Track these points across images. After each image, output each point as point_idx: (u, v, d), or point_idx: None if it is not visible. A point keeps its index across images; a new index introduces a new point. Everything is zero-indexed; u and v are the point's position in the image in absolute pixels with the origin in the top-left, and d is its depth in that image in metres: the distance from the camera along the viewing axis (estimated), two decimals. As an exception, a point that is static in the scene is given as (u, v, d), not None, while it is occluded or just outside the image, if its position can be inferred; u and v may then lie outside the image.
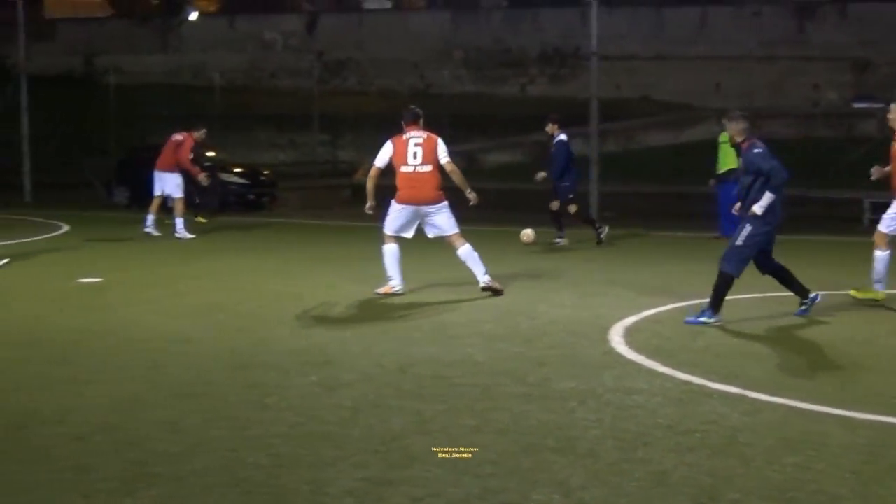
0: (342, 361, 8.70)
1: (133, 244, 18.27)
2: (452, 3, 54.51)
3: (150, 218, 19.33)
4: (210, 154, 29.24)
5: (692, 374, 8.24)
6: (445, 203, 12.45)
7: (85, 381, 8.01)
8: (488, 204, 14.21)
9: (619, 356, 9.01)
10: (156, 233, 19.14)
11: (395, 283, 12.49)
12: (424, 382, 7.98)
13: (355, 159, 32.17)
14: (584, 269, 14.38)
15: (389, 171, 12.35)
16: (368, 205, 12.53)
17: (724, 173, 18.29)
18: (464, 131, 36.43)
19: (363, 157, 29.73)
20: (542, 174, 17.94)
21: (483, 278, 12.39)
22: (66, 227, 21.54)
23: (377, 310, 11.44)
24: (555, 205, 17.75)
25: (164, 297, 12.35)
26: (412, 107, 12.89)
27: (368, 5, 56.54)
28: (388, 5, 57.15)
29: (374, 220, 12.67)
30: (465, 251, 12.42)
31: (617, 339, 9.70)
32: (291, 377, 8.12)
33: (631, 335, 9.87)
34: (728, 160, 17.88)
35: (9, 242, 17.76)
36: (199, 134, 19.79)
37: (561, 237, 17.80)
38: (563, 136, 17.52)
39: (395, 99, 42.18)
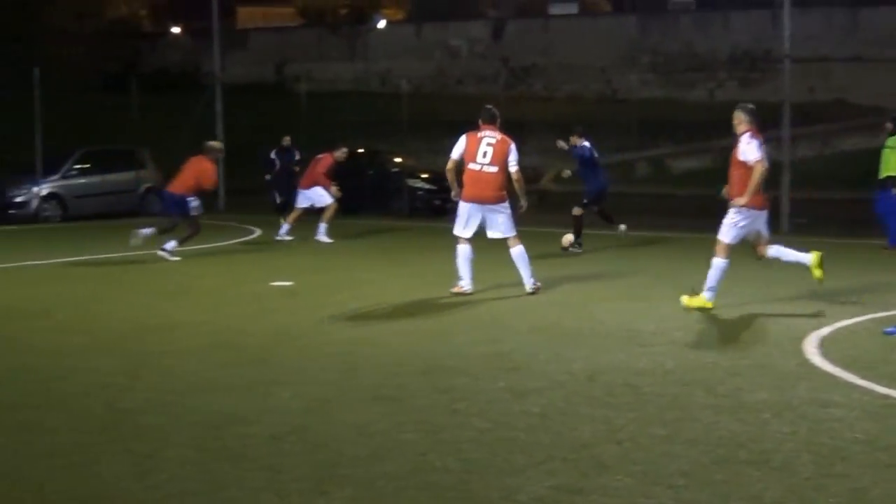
0: (531, 367, 8.68)
1: (321, 249, 18.62)
2: (639, 7, 53.96)
3: (286, 227, 20.03)
4: (397, 160, 29.70)
5: (892, 387, 7.94)
6: (507, 204, 12.72)
7: (279, 382, 8.19)
8: (676, 211, 13.97)
9: (814, 368, 8.74)
10: (288, 237, 19.84)
11: (464, 283, 12.80)
12: (614, 390, 7.89)
13: (540, 165, 32.09)
14: (774, 277, 14.02)
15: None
16: (454, 193, 12.90)
17: (884, 179, 17.58)
18: (651, 136, 36.04)
19: (549, 162, 29.69)
20: (567, 172, 19.39)
21: (528, 282, 12.78)
22: (258, 232, 22.15)
23: (566, 316, 11.37)
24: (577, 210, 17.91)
25: (353, 300, 12.55)
26: (489, 106, 13.11)
27: (554, 10, 56.37)
28: (575, 10, 56.88)
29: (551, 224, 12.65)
30: (518, 252, 12.80)
31: (811, 349, 9.41)
32: (480, 382, 8.14)
33: (826, 346, 9.56)
34: (890, 166, 17.24)
35: (206, 246, 18.32)
36: (340, 154, 20.43)
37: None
38: (584, 143, 17.90)
39: (582, 104, 42.01)
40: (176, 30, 55.90)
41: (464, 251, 12.76)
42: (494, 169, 12.50)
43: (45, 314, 11.78)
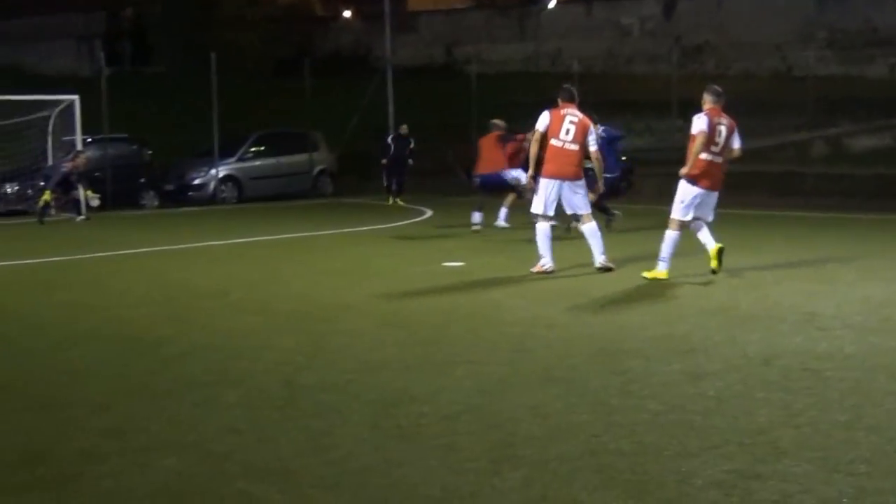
0: (706, 350, 8.54)
1: (496, 232, 18.63)
2: (816, -18, 52.44)
3: (504, 211, 19.49)
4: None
5: None
6: (584, 182, 13.14)
7: (452, 362, 8.24)
8: (854, 191, 13.56)
9: None
10: (505, 224, 19.20)
11: (545, 261, 13.02)
12: (791, 374, 7.70)
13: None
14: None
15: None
16: (531, 170, 13.21)
17: None
18: (827, 114, 34.98)
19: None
20: None
21: (599, 258, 13.08)
22: (429, 213, 22.34)
23: (741, 298, 11.15)
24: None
25: (526, 281, 12.55)
26: (567, 85, 13.58)
27: (727, -13, 55.19)
28: (748, -14, 55.60)
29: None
30: (591, 228, 13.10)
31: None
32: (654, 364, 8.04)
33: None
34: None
35: (379, 227, 18.56)
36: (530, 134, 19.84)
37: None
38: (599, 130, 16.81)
39: (755, 82, 41.05)
40: (347, 14, 56.66)
41: (544, 230, 13.03)
42: (576, 147, 12.90)
43: (222, 294, 12.11)
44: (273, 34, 52.75)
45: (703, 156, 12.28)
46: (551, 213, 13.08)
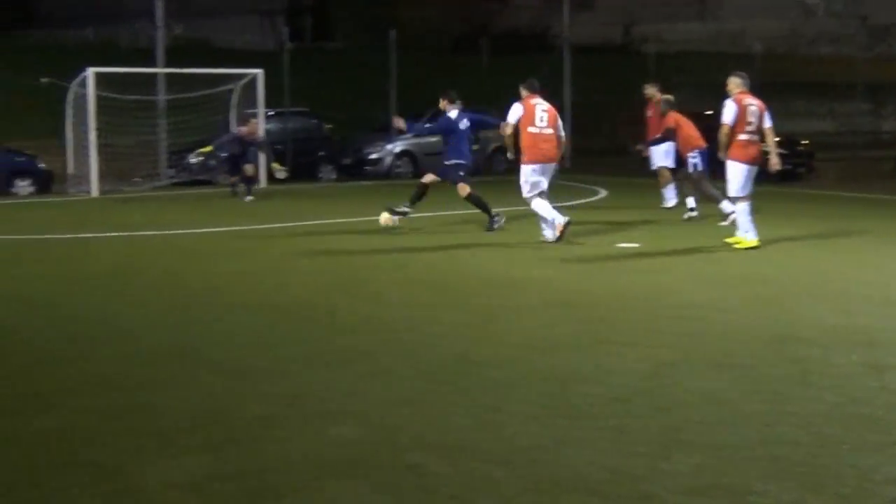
0: (888, 343, 8.25)
1: (673, 213, 18.32)
2: None
3: (668, 192, 19.04)
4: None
5: None
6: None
7: (623, 343, 8.16)
8: None
9: None
10: (669, 204, 18.72)
11: (558, 219, 14.08)
12: (980, 371, 7.39)
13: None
14: None
15: None
16: (510, 154, 15.05)
17: None
18: None
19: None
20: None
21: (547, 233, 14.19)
22: (603, 193, 22.16)
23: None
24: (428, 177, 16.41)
25: (700, 264, 12.36)
26: (532, 79, 14.92)
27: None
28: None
29: None
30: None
31: None
32: (832, 355, 7.81)
33: None
34: None
35: (553, 206, 18.48)
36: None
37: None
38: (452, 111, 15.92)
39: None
40: (526, -9, 56.51)
41: (543, 203, 14.28)
42: (551, 131, 14.36)
43: (398, 267, 12.25)
44: (452, 11, 52.98)
45: (742, 137, 13.32)
46: (544, 187, 14.35)
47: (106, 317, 9.49)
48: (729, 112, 13.33)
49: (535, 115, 14.32)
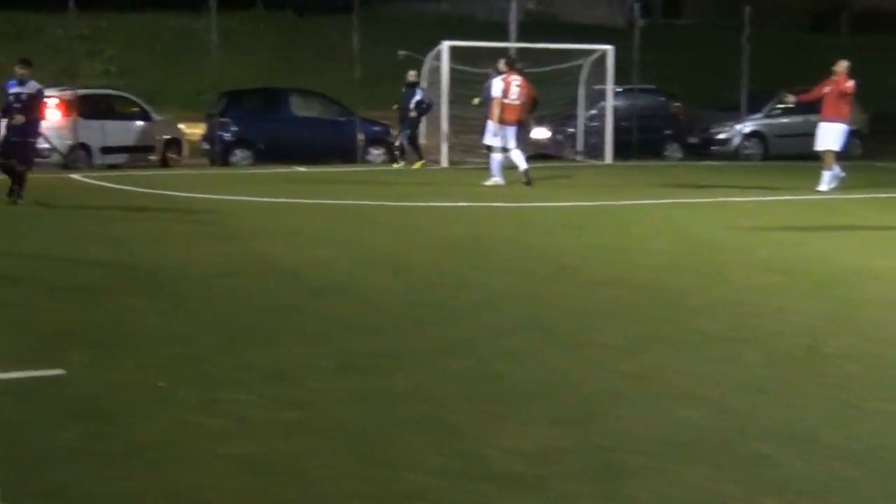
0: None
1: None
2: None
3: (827, 175, 18.07)
4: None
5: None
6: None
7: None
8: None
9: None
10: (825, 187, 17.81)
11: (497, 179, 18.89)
12: None
13: None
14: None
15: None
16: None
17: None
18: None
19: None
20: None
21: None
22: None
23: None
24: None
25: None
26: (512, 58, 20.76)
27: None
28: None
29: None
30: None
31: None
32: None
33: None
34: None
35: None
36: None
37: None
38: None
39: None
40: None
41: (500, 158, 18.98)
42: (519, 102, 19.09)
43: (747, 251, 11.96)
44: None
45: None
46: (511, 146, 18.93)
47: (461, 285, 9.78)
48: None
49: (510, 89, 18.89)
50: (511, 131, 19.10)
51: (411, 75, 24.23)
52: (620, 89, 27.21)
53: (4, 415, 5.76)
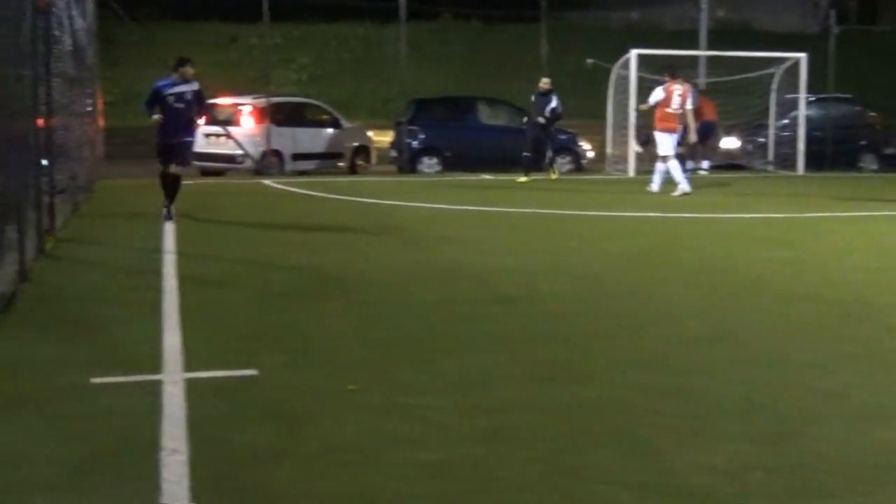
0: None
1: None
2: None
3: None
4: None
5: None
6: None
7: None
8: None
9: None
10: None
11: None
12: None
13: None
14: None
15: None
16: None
17: None
18: None
19: None
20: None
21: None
22: None
23: None
24: None
25: None
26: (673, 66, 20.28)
27: None
28: None
29: None
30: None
31: None
32: None
33: None
34: None
35: None
36: None
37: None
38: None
39: None
40: None
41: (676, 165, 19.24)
42: (681, 111, 19.50)
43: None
44: None
45: None
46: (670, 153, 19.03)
47: (648, 296, 9.68)
48: None
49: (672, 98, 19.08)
50: (672, 139, 19.25)
51: (544, 83, 23.03)
52: (813, 98, 26.55)
53: (202, 413, 5.94)
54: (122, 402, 6.18)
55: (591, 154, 26.37)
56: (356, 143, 25.99)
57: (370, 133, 27.72)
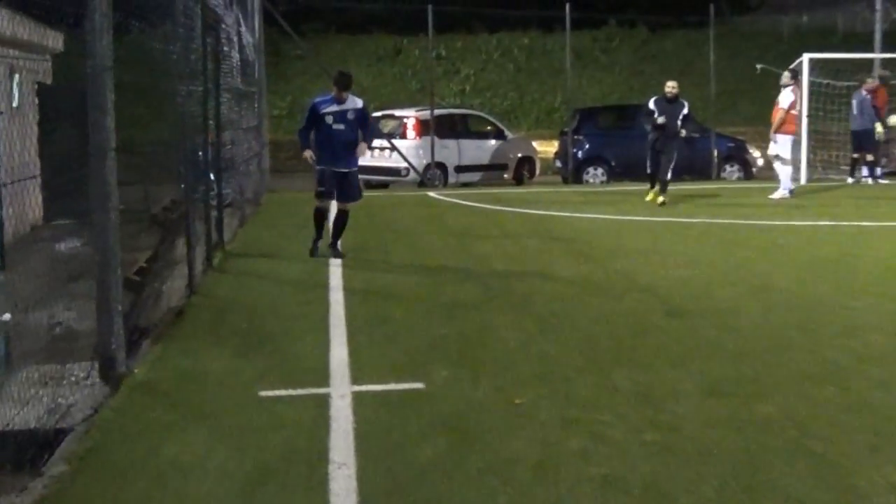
0: None
1: None
2: None
3: None
4: None
5: None
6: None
7: None
8: None
9: None
10: None
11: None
12: None
13: None
14: None
15: None
16: None
17: None
18: None
19: None
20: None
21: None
22: None
23: None
24: None
25: None
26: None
27: None
28: None
29: None
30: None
31: None
32: None
33: None
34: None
35: None
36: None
37: None
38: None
39: None
40: None
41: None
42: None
43: None
44: None
45: None
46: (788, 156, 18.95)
47: (826, 308, 9.32)
48: None
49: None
50: (792, 142, 19.54)
51: (671, 87, 20.07)
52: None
53: (369, 426, 5.94)
54: (290, 415, 6.23)
55: (760, 162, 25.72)
56: (521, 154, 25.88)
57: (535, 143, 27.60)
